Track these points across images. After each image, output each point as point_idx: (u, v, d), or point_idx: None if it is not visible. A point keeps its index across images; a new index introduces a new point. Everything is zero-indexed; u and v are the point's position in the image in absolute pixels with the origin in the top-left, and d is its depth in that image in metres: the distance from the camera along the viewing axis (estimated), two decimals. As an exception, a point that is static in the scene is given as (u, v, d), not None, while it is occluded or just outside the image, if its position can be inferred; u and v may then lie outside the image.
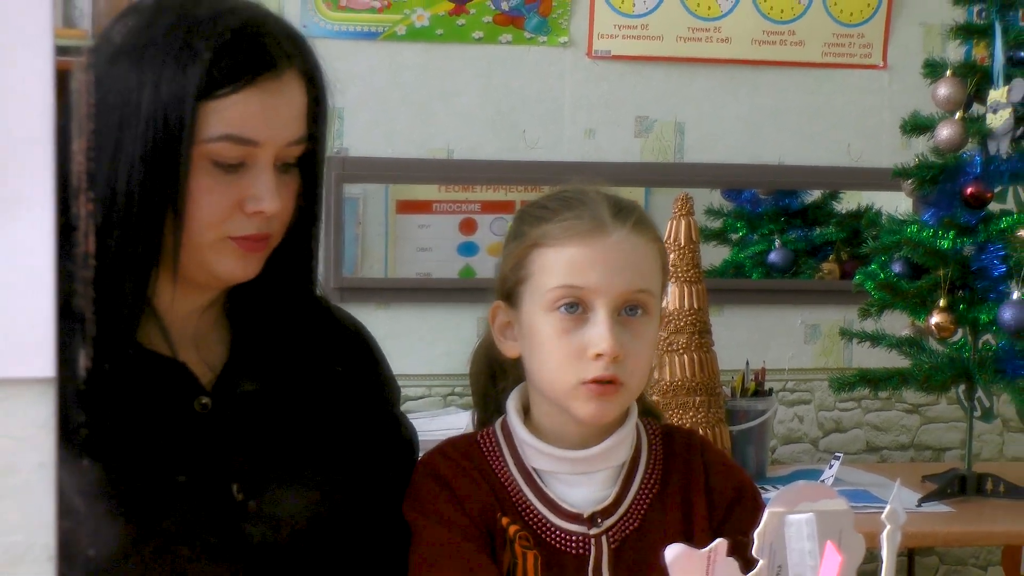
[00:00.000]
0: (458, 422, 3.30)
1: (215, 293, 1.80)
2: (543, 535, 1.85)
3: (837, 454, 3.41)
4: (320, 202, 1.83)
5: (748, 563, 1.62)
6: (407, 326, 3.65)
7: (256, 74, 1.68)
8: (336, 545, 1.84)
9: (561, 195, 1.89)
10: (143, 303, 1.71)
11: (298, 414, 1.82)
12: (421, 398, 3.65)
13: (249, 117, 1.68)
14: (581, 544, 1.86)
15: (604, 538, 1.86)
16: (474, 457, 1.90)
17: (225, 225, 1.70)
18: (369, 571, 1.89)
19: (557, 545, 1.85)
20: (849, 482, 3.28)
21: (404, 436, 1.97)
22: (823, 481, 3.05)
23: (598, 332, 1.80)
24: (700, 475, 1.92)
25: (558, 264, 1.83)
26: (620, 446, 1.88)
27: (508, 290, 1.89)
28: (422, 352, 3.64)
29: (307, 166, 1.77)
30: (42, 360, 1.13)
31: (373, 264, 3.77)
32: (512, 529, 1.84)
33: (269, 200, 1.69)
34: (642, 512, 1.88)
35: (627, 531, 1.86)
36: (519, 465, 1.89)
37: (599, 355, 1.80)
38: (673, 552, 1.62)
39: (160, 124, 1.65)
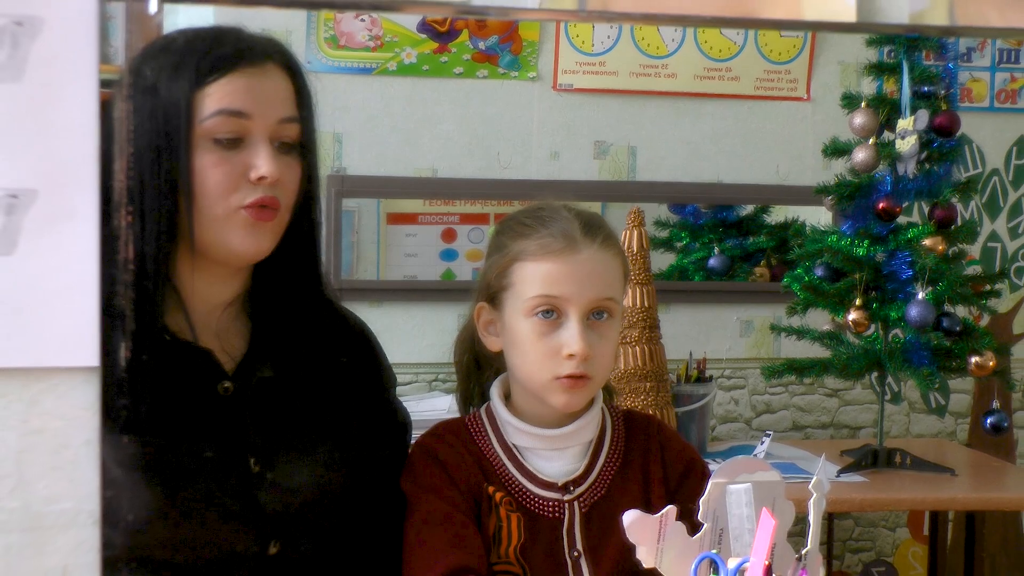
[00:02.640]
0: (441, 404, 3.30)
1: (239, 284, 1.80)
2: (523, 502, 1.87)
3: (768, 432, 3.42)
4: (317, 186, 1.83)
5: (695, 527, 1.63)
6: (396, 321, 3.65)
7: (239, 61, 1.71)
8: (339, 511, 1.83)
9: (537, 213, 1.90)
10: (165, 279, 1.70)
11: (308, 398, 1.82)
12: (409, 384, 3.64)
13: (236, 93, 1.70)
14: (556, 509, 1.87)
15: (576, 503, 1.88)
16: (463, 437, 1.92)
17: (234, 196, 1.70)
18: (367, 534, 1.88)
19: (536, 510, 1.87)
20: (778, 456, 3.28)
21: (399, 419, 1.97)
22: (756, 455, 3.06)
23: (570, 335, 1.83)
24: (656, 451, 1.94)
25: (536, 277, 1.85)
26: (588, 426, 1.91)
27: (492, 294, 1.91)
28: (409, 344, 3.64)
29: (304, 155, 1.77)
30: (88, 351, 1.12)
31: (367, 268, 3.76)
32: (498, 496, 1.85)
33: (267, 166, 1.70)
34: (607, 481, 1.90)
35: (595, 497, 1.88)
36: (502, 443, 1.90)
37: (571, 355, 1.83)
38: (630, 517, 1.62)
39: (165, 115, 1.67)
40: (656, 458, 1.94)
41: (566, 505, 1.88)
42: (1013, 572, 4.07)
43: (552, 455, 1.90)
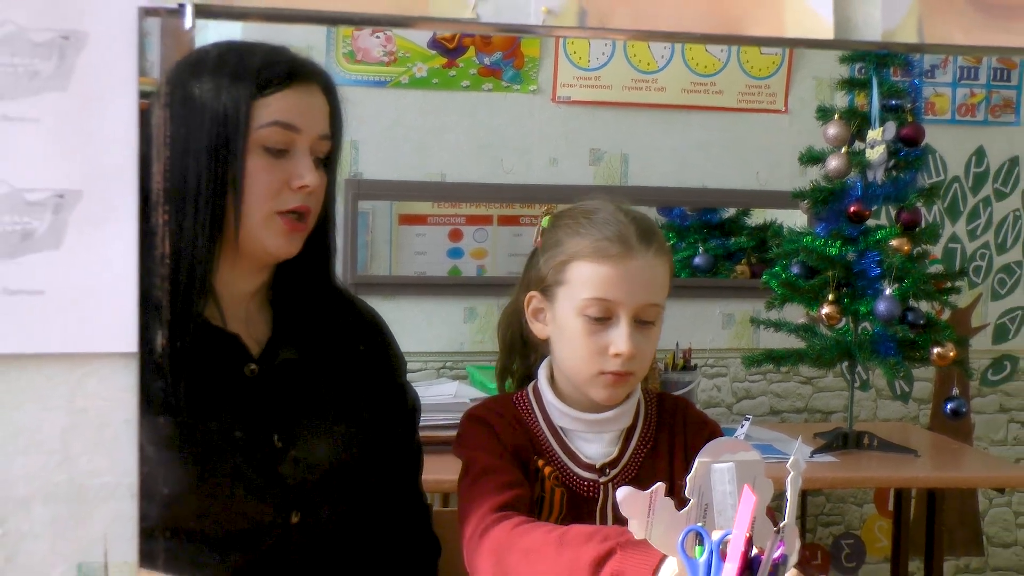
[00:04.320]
0: (448, 390, 3.29)
1: (263, 277, 1.80)
2: (564, 479, 1.85)
3: (747, 416, 3.37)
4: (334, 200, 1.84)
5: (683, 502, 1.62)
6: (407, 314, 3.64)
7: (293, 79, 1.73)
8: (354, 483, 1.83)
9: (592, 215, 1.86)
10: (210, 278, 1.72)
11: (327, 379, 1.82)
12: (418, 371, 3.64)
13: (291, 109, 1.71)
14: (592, 489, 1.86)
15: (610, 485, 1.85)
16: (511, 411, 1.89)
17: (275, 200, 1.71)
18: (379, 503, 1.88)
19: (575, 488, 1.85)
20: (757, 438, 3.28)
21: (409, 401, 1.97)
22: (737, 437, 3.06)
23: (619, 336, 1.80)
24: (681, 432, 1.92)
25: (592, 279, 1.81)
26: (627, 413, 1.89)
27: (545, 286, 1.87)
28: (419, 334, 3.63)
29: (329, 168, 1.79)
30: (127, 339, 1.12)
31: (380, 264, 3.76)
32: (547, 469, 1.83)
33: (310, 176, 1.72)
34: (638, 465, 1.88)
35: (626, 479, 1.85)
36: (547, 422, 1.88)
37: (618, 355, 1.80)
38: (622, 493, 1.61)
39: (221, 120, 1.68)
40: (680, 437, 1.91)
41: (601, 486, 1.85)
42: (969, 544, 4.08)
43: (592, 438, 1.87)
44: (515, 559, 1.70)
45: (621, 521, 1.83)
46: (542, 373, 1.91)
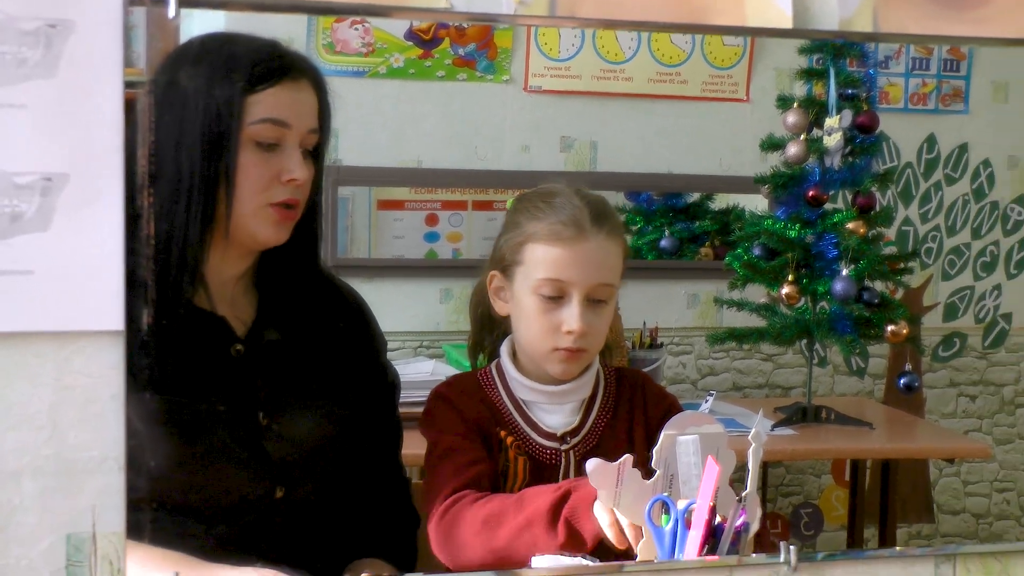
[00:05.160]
0: (425, 367, 3.29)
1: (249, 261, 1.80)
2: (527, 448, 1.86)
3: (711, 392, 3.41)
4: (321, 188, 1.83)
5: (649, 473, 1.63)
6: (385, 295, 3.63)
7: (285, 75, 1.71)
8: (336, 458, 1.83)
9: (550, 198, 1.87)
10: (200, 264, 1.71)
11: (310, 360, 1.81)
12: (396, 350, 3.62)
13: (281, 105, 1.70)
14: (554, 456, 1.87)
15: (571, 452, 1.87)
16: (474, 387, 1.91)
17: (266, 193, 1.71)
18: (360, 477, 1.88)
19: (537, 456, 1.86)
20: (720, 413, 3.27)
21: (389, 378, 1.96)
22: (700, 412, 3.06)
23: (571, 314, 1.81)
24: (640, 401, 1.93)
25: (545, 260, 1.83)
26: (585, 385, 1.90)
27: (505, 265, 1.88)
28: (397, 315, 3.62)
29: (317, 159, 1.78)
30: (114, 317, 1.11)
31: (359, 248, 3.75)
32: (509, 439, 1.85)
33: (299, 170, 1.71)
34: (599, 433, 1.89)
35: (588, 447, 1.87)
36: (510, 395, 1.89)
37: (570, 332, 1.81)
38: (592, 465, 1.62)
39: (214, 114, 1.67)
40: (639, 408, 1.93)
41: (563, 453, 1.87)
42: (920, 512, 4.10)
43: (553, 408, 1.89)
44: (476, 530, 1.74)
45: None
46: (505, 348, 1.92)
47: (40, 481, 1.12)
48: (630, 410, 1.92)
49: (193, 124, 1.67)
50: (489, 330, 1.99)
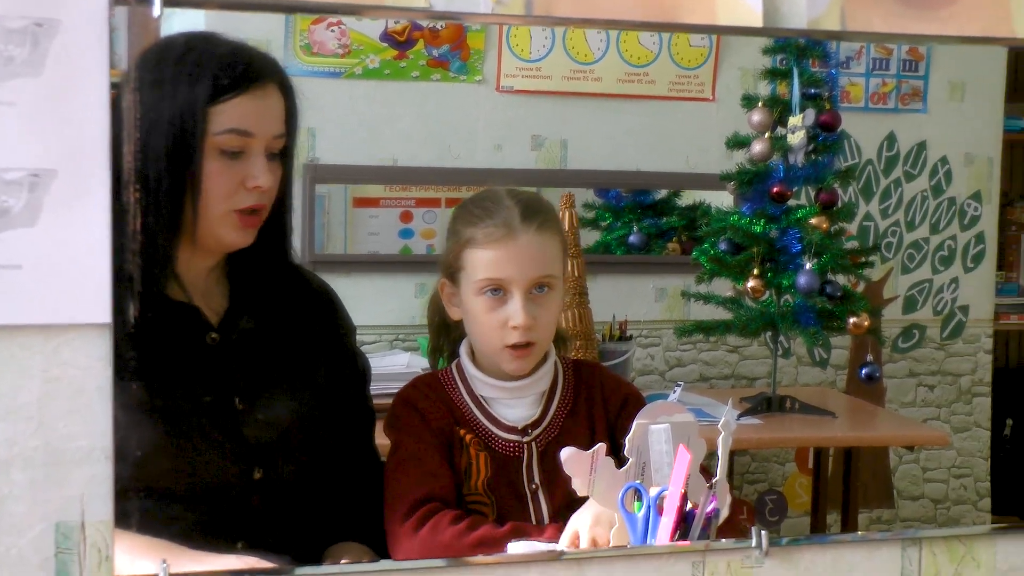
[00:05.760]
0: (401, 360, 3.29)
1: (219, 258, 1.80)
2: (489, 443, 1.88)
3: (679, 383, 3.39)
4: (291, 187, 1.83)
5: (622, 461, 1.63)
6: (362, 290, 3.62)
7: (249, 84, 1.70)
8: (310, 440, 1.84)
9: (483, 203, 1.89)
10: (171, 263, 1.72)
11: (283, 346, 1.83)
12: (373, 343, 3.62)
13: (246, 115, 1.70)
14: (516, 449, 1.88)
15: (533, 444, 1.89)
16: (437, 389, 1.92)
17: (231, 200, 1.71)
18: (334, 457, 1.88)
19: (499, 450, 1.88)
20: (688, 403, 3.24)
21: (359, 364, 1.97)
22: (669, 402, 3.07)
23: (514, 310, 1.84)
24: (598, 393, 1.95)
25: (482, 262, 1.85)
26: (543, 378, 1.91)
27: (451, 273, 1.91)
28: (373, 309, 3.61)
29: (285, 159, 1.78)
30: (101, 310, 1.11)
31: (336, 244, 3.74)
32: (468, 437, 1.86)
33: (263, 177, 1.71)
34: (559, 424, 1.91)
35: (549, 438, 1.89)
36: (470, 393, 1.90)
37: (516, 327, 1.83)
38: (566, 453, 1.62)
39: (178, 124, 1.66)
40: (598, 398, 1.95)
41: (525, 446, 1.88)
42: (881, 498, 4.12)
43: (513, 403, 1.90)
44: (465, 552, 1.74)
45: (546, 475, 1.86)
46: (464, 349, 1.94)
47: (29, 471, 1.11)
48: (588, 400, 1.94)
49: (159, 130, 1.67)
50: (446, 335, 2.01)
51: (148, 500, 1.65)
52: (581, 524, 1.69)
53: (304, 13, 1.96)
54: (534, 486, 1.87)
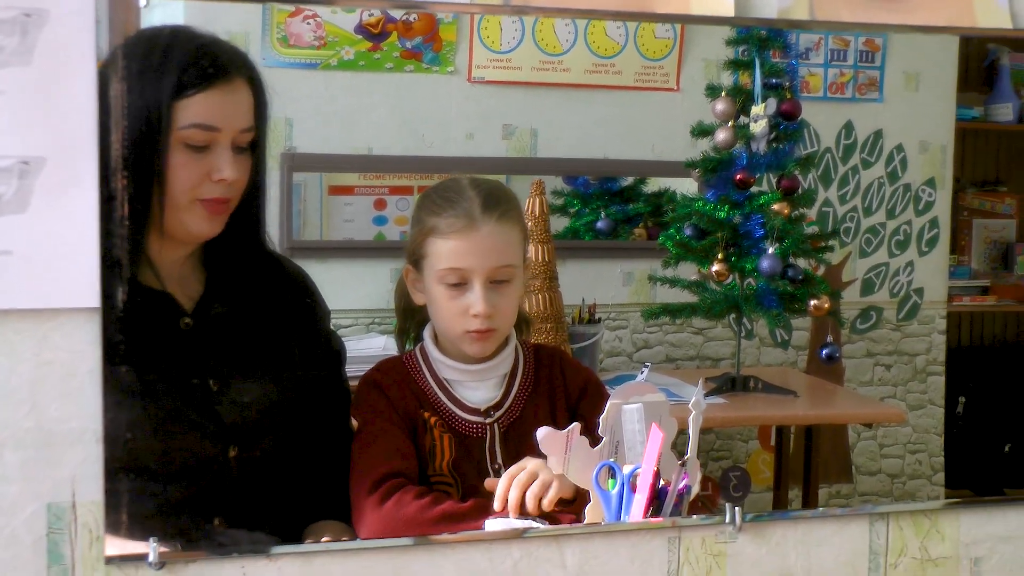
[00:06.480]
0: (377, 343, 3.28)
1: (192, 247, 1.80)
2: (453, 424, 1.87)
3: (646, 364, 3.40)
4: (264, 176, 1.82)
5: (596, 440, 1.63)
6: (338, 275, 3.60)
7: (215, 79, 1.68)
8: (285, 420, 1.84)
9: (446, 192, 1.89)
10: (141, 250, 1.71)
11: (256, 328, 1.82)
12: (349, 327, 3.60)
13: (210, 110, 1.68)
14: (479, 430, 1.87)
15: (496, 425, 1.88)
16: (401, 371, 1.92)
17: (196, 190, 1.70)
18: (307, 436, 1.88)
19: (463, 431, 1.87)
20: (655, 383, 3.27)
21: (334, 347, 1.97)
22: (636, 383, 3.07)
23: (475, 298, 1.84)
24: (559, 376, 1.94)
25: (444, 252, 1.85)
26: (504, 361, 1.91)
27: (415, 260, 1.90)
28: (349, 293, 3.60)
29: (256, 150, 1.77)
30: (90, 295, 1.10)
31: (312, 231, 3.72)
32: (432, 419, 1.85)
33: (228, 170, 1.70)
34: (521, 405, 1.90)
35: (511, 419, 1.89)
36: (434, 376, 1.90)
37: (476, 315, 1.83)
38: (542, 433, 1.63)
39: (143, 118, 1.64)
40: (559, 382, 1.94)
41: (487, 427, 1.88)
42: (840, 473, 4.14)
43: (475, 385, 1.90)
44: (428, 526, 1.74)
45: (509, 455, 1.86)
46: (427, 333, 1.94)
47: (21, 453, 1.10)
48: (549, 382, 1.94)
49: (128, 124, 1.65)
50: (412, 318, 2.00)
51: (124, 477, 1.65)
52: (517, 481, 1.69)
53: (281, 4, 1.94)
54: (497, 466, 1.87)
